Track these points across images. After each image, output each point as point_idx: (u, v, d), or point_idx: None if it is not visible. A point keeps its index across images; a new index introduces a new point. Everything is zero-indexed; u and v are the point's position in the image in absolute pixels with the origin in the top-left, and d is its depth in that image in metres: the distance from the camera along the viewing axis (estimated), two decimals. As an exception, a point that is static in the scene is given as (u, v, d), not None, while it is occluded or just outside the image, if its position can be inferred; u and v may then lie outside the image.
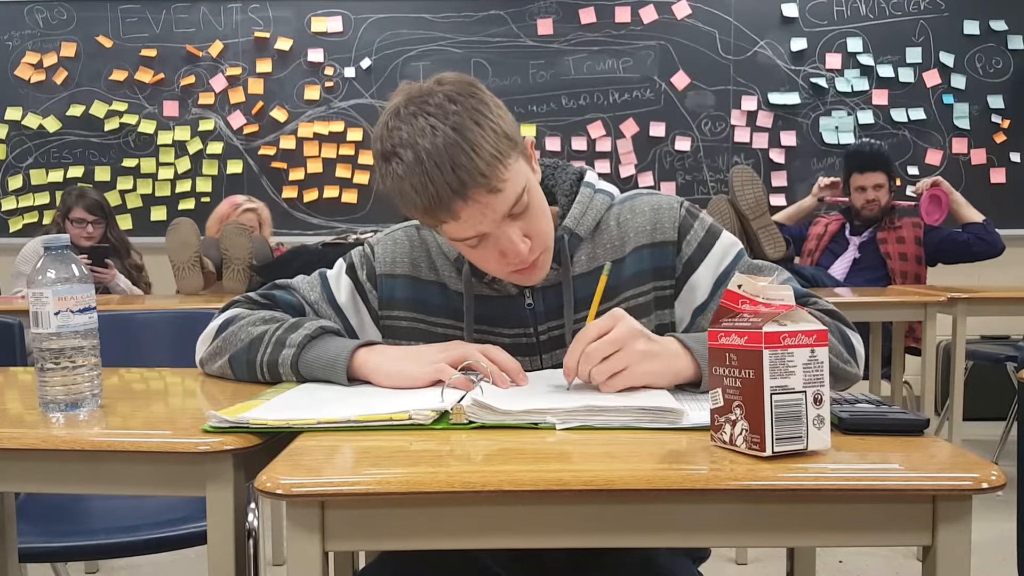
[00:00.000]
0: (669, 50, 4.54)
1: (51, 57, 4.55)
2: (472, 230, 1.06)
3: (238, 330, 1.19)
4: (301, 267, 1.32)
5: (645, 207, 1.21)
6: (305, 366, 1.13)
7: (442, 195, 1.02)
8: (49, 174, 4.57)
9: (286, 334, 1.15)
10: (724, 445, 0.82)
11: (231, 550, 0.91)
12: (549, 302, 1.19)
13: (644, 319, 1.18)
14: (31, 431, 0.94)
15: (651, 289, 1.20)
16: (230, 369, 1.20)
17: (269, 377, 1.16)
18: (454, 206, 1.03)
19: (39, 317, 1.00)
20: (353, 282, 1.25)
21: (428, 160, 1.01)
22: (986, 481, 0.75)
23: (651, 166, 4.57)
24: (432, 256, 1.24)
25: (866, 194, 3.58)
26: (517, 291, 1.19)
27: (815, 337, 0.79)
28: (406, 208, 1.08)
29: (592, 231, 1.21)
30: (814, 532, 0.79)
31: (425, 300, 1.22)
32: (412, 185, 1.03)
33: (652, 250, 1.19)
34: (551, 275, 1.18)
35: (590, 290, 1.14)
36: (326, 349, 1.13)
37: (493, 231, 1.07)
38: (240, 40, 4.56)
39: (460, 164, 1.01)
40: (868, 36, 4.53)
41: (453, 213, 1.04)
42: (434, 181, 1.01)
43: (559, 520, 0.78)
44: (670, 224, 1.20)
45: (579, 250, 1.20)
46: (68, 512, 1.77)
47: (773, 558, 2.67)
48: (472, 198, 1.03)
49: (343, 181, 4.57)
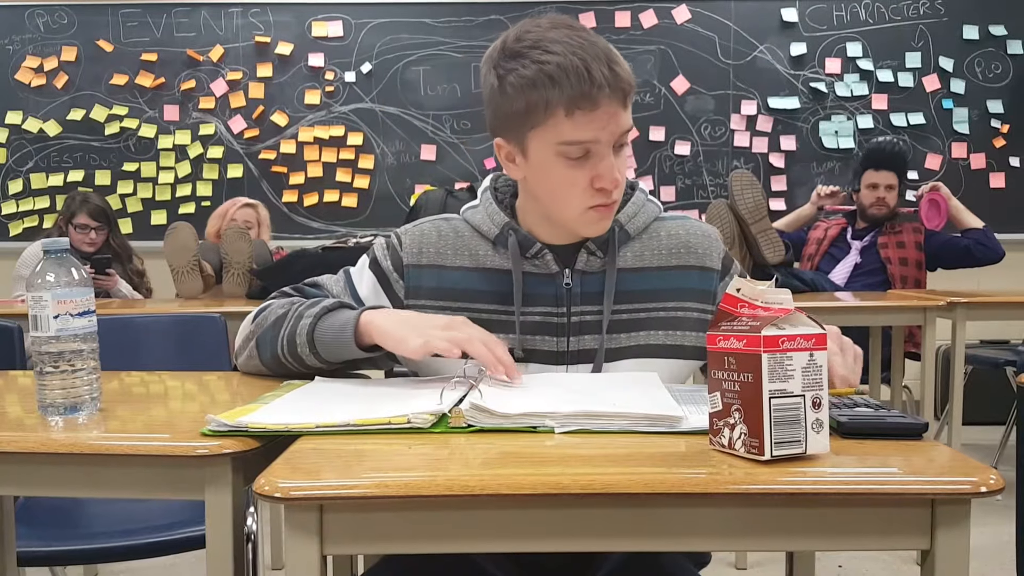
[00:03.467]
0: (669, 54, 4.54)
1: (52, 61, 4.55)
2: (594, 132, 1.10)
3: (268, 313, 1.24)
4: (302, 270, 1.34)
5: (696, 231, 1.27)
6: (320, 333, 1.16)
7: (595, 79, 1.06)
8: (49, 178, 4.57)
9: (307, 308, 1.19)
10: (723, 449, 0.82)
11: (230, 554, 0.91)
12: (587, 287, 1.21)
13: (690, 333, 1.23)
14: (30, 435, 0.94)
15: (695, 308, 1.24)
16: (256, 352, 1.23)
17: (288, 354, 1.19)
18: (600, 96, 1.07)
19: (38, 320, 1.00)
20: (376, 275, 1.28)
21: (583, 51, 1.07)
22: (985, 485, 0.75)
23: (651, 170, 4.57)
24: (465, 240, 1.26)
25: (877, 192, 3.57)
26: (557, 269, 1.21)
27: (814, 341, 0.79)
28: (537, 96, 1.09)
29: (640, 233, 1.25)
30: (813, 536, 0.79)
31: (451, 287, 1.24)
32: (563, 66, 1.07)
33: (700, 273, 1.25)
34: (595, 262, 1.22)
35: (630, 287, 1.20)
36: (338, 317, 1.16)
37: (601, 149, 1.11)
38: (241, 44, 4.57)
39: (616, 63, 1.09)
40: (868, 41, 4.54)
41: (595, 102, 1.08)
42: (590, 68, 1.07)
43: (558, 524, 0.78)
44: (717, 255, 1.26)
45: (626, 247, 1.24)
46: (67, 516, 1.77)
47: (773, 563, 2.67)
48: (614, 98, 1.09)
49: (343, 185, 4.58)
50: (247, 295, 2.99)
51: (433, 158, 4.57)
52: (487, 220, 1.25)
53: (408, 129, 4.57)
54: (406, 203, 4.47)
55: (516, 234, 1.22)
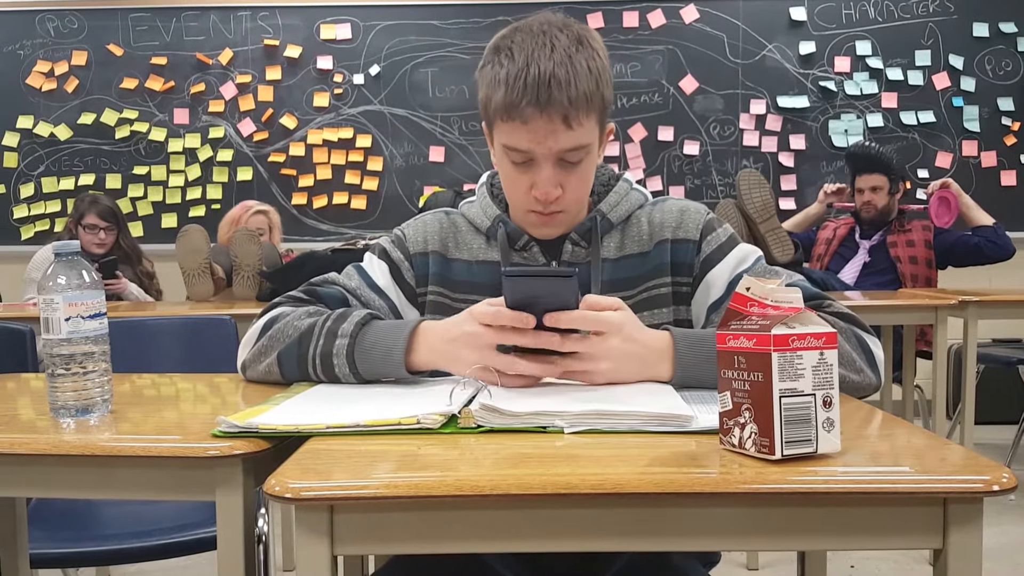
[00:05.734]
0: (677, 54, 4.54)
1: (62, 66, 4.58)
2: (526, 144, 1.13)
3: (285, 327, 1.18)
4: (311, 273, 1.33)
5: (674, 208, 1.27)
6: (361, 353, 1.12)
7: (529, 94, 1.10)
8: (60, 182, 4.60)
9: (336, 324, 1.14)
10: (733, 448, 0.82)
11: (241, 555, 0.91)
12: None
13: (663, 309, 1.23)
14: (42, 437, 0.95)
15: (670, 283, 1.24)
16: (278, 366, 1.18)
17: (322, 370, 1.15)
18: (528, 112, 1.11)
19: (49, 323, 1.00)
20: (388, 264, 1.29)
21: (539, 64, 1.10)
22: (997, 484, 0.74)
23: (660, 170, 4.56)
24: (462, 234, 1.29)
25: (863, 196, 3.58)
26: (544, 262, 1.24)
27: (824, 340, 0.79)
28: (491, 93, 1.14)
29: (623, 222, 1.26)
30: (824, 535, 0.78)
31: (451, 277, 1.27)
32: (510, 74, 1.11)
33: (674, 246, 1.25)
34: (580, 253, 1.24)
35: (613, 275, 1.22)
36: (382, 336, 1.12)
37: (540, 160, 1.14)
38: (250, 48, 4.59)
39: (558, 81, 1.10)
40: (877, 39, 4.52)
41: (523, 116, 1.11)
42: (531, 82, 1.10)
43: (568, 524, 0.78)
44: (694, 225, 1.25)
45: (609, 237, 1.26)
46: (79, 518, 1.78)
47: (784, 563, 2.66)
48: (550, 116, 1.11)
49: (352, 187, 4.58)
50: (257, 297, 3.01)
51: (442, 160, 4.58)
52: (481, 213, 1.29)
53: (416, 131, 4.58)
54: (415, 205, 4.47)
55: (505, 226, 1.25)
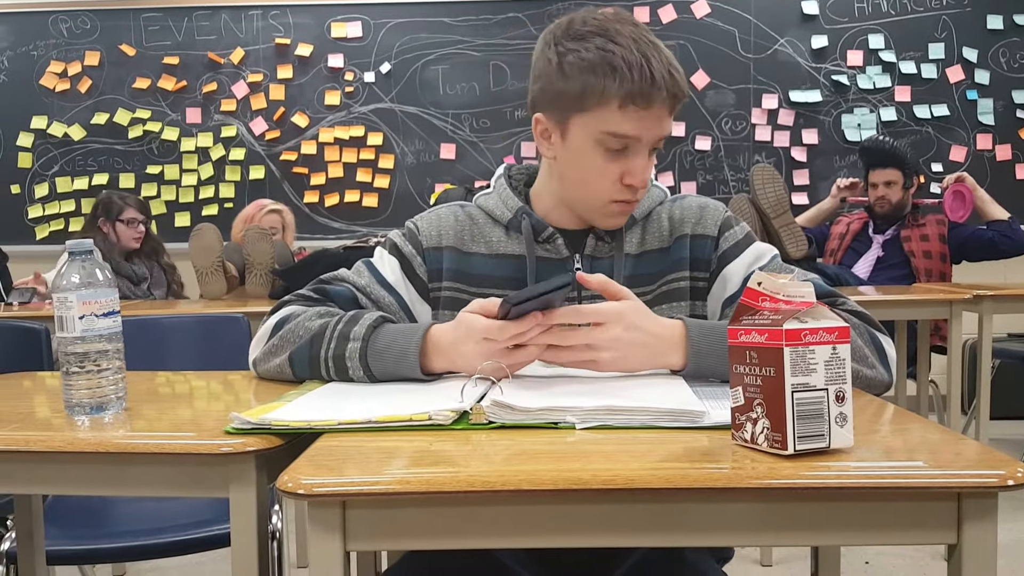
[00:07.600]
0: (688, 49, 4.52)
1: (75, 66, 4.60)
2: (639, 130, 1.13)
3: (296, 327, 1.18)
4: (323, 270, 1.33)
5: (693, 204, 1.28)
6: (374, 355, 1.11)
7: (656, 79, 1.09)
8: (74, 182, 4.63)
9: (348, 327, 1.13)
10: (745, 444, 0.82)
11: (254, 551, 0.92)
12: (594, 272, 1.21)
13: (680, 303, 1.23)
14: (57, 434, 0.95)
15: (688, 278, 1.24)
16: (289, 367, 1.18)
17: (334, 371, 1.14)
18: (656, 96, 1.11)
19: (64, 321, 1.01)
20: (399, 259, 1.28)
21: (648, 50, 1.10)
22: (1012, 478, 0.74)
23: (671, 166, 4.55)
24: (479, 226, 1.28)
25: (877, 190, 3.56)
26: (568, 254, 1.24)
27: (837, 334, 0.79)
28: (596, 79, 1.11)
29: (644, 218, 1.27)
30: (837, 531, 0.78)
31: (468, 271, 1.26)
32: (627, 59, 1.09)
33: (693, 241, 1.25)
34: (603, 248, 1.24)
35: (634, 271, 1.22)
36: (393, 339, 1.11)
37: (640, 147, 1.15)
38: (261, 47, 4.60)
39: (676, 69, 1.12)
40: (890, 32, 4.49)
41: (650, 101, 1.11)
42: (653, 67, 1.09)
43: (580, 520, 0.78)
44: (713, 221, 1.26)
45: (631, 232, 1.26)
46: (95, 515, 1.79)
47: (798, 559, 2.65)
48: (667, 102, 1.12)
49: (364, 185, 4.59)
50: (270, 295, 3.02)
51: (453, 157, 4.58)
52: (500, 205, 1.27)
53: (427, 128, 4.58)
54: (426, 202, 4.48)
55: (530, 218, 1.24)
